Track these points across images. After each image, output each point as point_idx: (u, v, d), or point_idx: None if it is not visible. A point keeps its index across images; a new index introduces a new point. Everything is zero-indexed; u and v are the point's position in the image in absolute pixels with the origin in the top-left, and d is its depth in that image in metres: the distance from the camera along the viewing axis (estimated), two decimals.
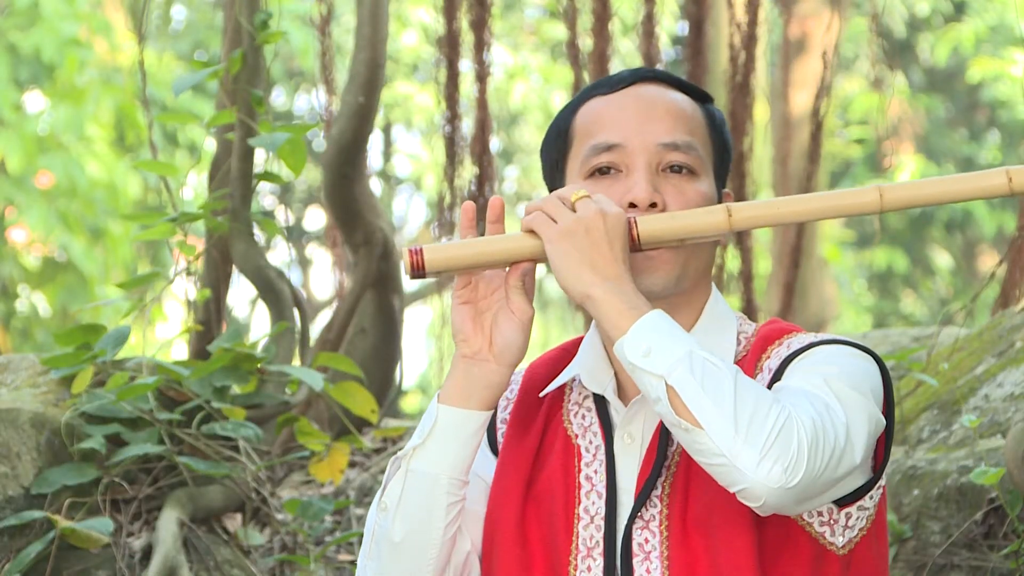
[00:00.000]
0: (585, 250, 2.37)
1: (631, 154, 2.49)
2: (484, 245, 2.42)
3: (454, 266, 2.42)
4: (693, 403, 2.28)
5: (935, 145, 17.36)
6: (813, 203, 2.43)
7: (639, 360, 2.31)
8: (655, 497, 2.46)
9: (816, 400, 2.35)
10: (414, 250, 2.40)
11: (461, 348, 2.47)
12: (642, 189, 2.47)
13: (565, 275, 2.37)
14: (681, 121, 2.52)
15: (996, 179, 2.41)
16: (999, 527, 3.75)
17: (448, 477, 2.47)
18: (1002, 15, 15.81)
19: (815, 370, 2.41)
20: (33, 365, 4.33)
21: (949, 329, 4.77)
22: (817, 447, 2.29)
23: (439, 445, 2.47)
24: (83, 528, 3.91)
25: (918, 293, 18.17)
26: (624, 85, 2.54)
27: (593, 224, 2.37)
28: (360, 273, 5.22)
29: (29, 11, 12.77)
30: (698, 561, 2.42)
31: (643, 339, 2.32)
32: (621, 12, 6.42)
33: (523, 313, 2.46)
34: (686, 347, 2.31)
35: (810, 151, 6.44)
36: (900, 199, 2.42)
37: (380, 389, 5.28)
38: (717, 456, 2.28)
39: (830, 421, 2.33)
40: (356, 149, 5.19)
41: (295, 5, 12.66)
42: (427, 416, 2.49)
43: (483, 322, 2.47)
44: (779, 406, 2.29)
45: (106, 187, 12.83)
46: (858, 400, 2.39)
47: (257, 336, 4.45)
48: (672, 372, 2.29)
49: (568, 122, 2.56)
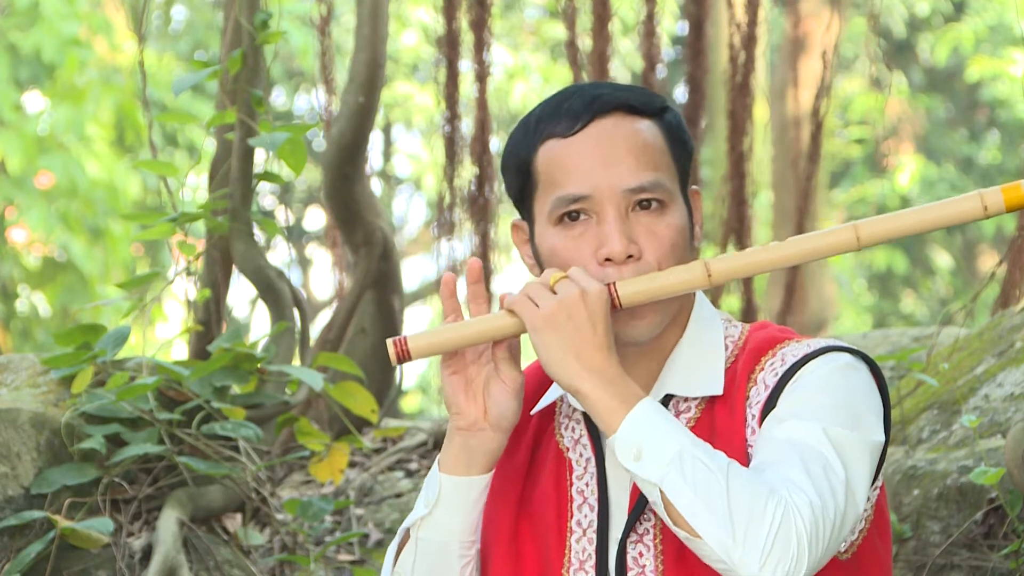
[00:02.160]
0: (569, 338, 2.36)
1: (599, 203, 2.46)
2: (466, 328, 2.43)
3: (439, 351, 2.44)
4: (688, 512, 2.28)
5: (935, 145, 17.37)
6: (790, 248, 2.43)
7: (631, 464, 2.31)
8: (649, 510, 2.45)
9: (813, 463, 2.33)
10: (398, 340, 2.42)
11: (456, 421, 2.47)
12: (616, 242, 2.44)
13: (552, 366, 2.37)
14: (644, 157, 2.48)
15: (970, 203, 2.41)
16: (999, 527, 3.75)
17: (458, 542, 2.50)
18: (1002, 15, 15.81)
19: (811, 407, 2.39)
20: (33, 365, 4.33)
21: (949, 329, 4.77)
22: (817, 535, 2.28)
23: (446, 514, 2.49)
24: (83, 528, 3.91)
25: (918, 293, 18.18)
26: (582, 125, 2.48)
27: (574, 309, 2.36)
28: (360, 273, 5.22)
29: (29, 11, 12.77)
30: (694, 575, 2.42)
31: (633, 440, 2.31)
32: (621, 12, 6.42)
33: (514, 381, 2.47)
34: (676, 446, 2.30)
35: (810, 151, 6.44)
36: (876, 234, 2.42)
37: (380, 389, 5.28)
38: (719, 562, 2.28)
39: (828, 490, 2.32)
40: (356, 149, 5.19)
41: (295, 5, 12.66)
42: (429, 485, 2.50)
43: (475, 391, 2.47)
44: (775, 499, 2.27)
45: (106, 187, 12.83)
46: (856, 443, 2.37)
47: (257, 336, 4.45)
48: (664, 479, 2.29)
49: (529, 158, 2.52)
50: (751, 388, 2.47)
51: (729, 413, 2.46)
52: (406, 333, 2.45)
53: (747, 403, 2.45)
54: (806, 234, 2.45)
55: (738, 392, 2.47)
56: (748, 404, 2.45)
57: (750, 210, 6.23)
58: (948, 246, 17.91)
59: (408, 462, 4.92)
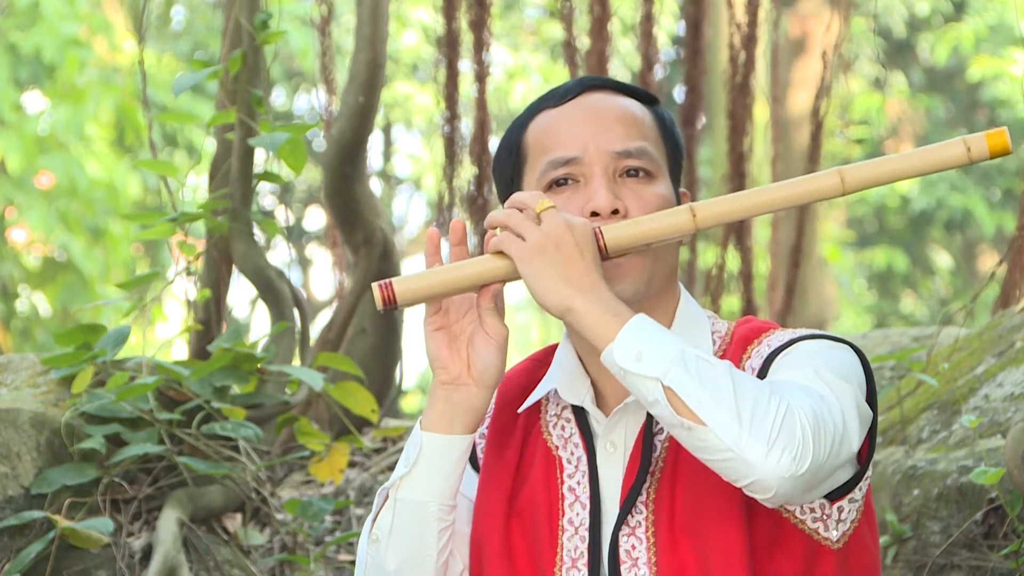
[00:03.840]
0: (558, 264, 2.37)
1: (588, 165, 2.50)
2: (453, 271, 2.41)
3: (425, 296, 2.41)
4: (693, 401, 2.28)
5: None
6: (775, 193, 2.43)
7: (631, 365, 2.31)
8: (640, 503, 2.46)
9: (810, 391, 2.36)
10: (383, 284, 2.39)
11: (439, 375, 2.47)
12: (603, 197, 2.47)
13: (542, 292, 2.37)
14: (633, 127, 2.53)
15: (955, 148, 2.42)
16: (999, 527, 3.75)
17: (438, 504, 2.48)
18: (1002, 15, 15.81)
19: (802, 363, 2.43)
20: (33, 365, 4.33)
21: (949, 329, 4.77)
22: (819, 433, 2.30)
23: (426, 473, 2.48)
24: (83, 528, 3.91)
25: (918, 293, 18.18)
26: (572, 96, 2.55)
27: (562, 238, 2.37)
28: (360, 273, 5.22)
29: (29, 11, 12.77)
30: (687, 565, 2.42)
31: (632, 344, 2.32)
32: (620, 12, 6.42)
33: (498, 334, 2.47)
34: (677, 347, 2.31)
35: (810, 151, 6.45)
36: (861, 179, 2.43)
37: (380, 389, 5.28)
38: (723, 451, 2.28)
39: (826, 409, 2.34)
40: (356, 149, 5.19)
41: (295, 5, 12.67)
42: (411, 444, 2.50)
43: (458, 347, 2.48)
44: (777, 396, 2.30)
45: (106, 187, 12.84)
46: (848, 389, 2.40)
47: (257, 336, 4.45)
48: (667, 372, 2.29)
49: (518, 137, 2.57)
50: None
51: None
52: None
53: None
54: (791, 179, 2.45)
55: None
56: None
57: None
58: (948, 246, 17.91)
59: None
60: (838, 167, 2.43)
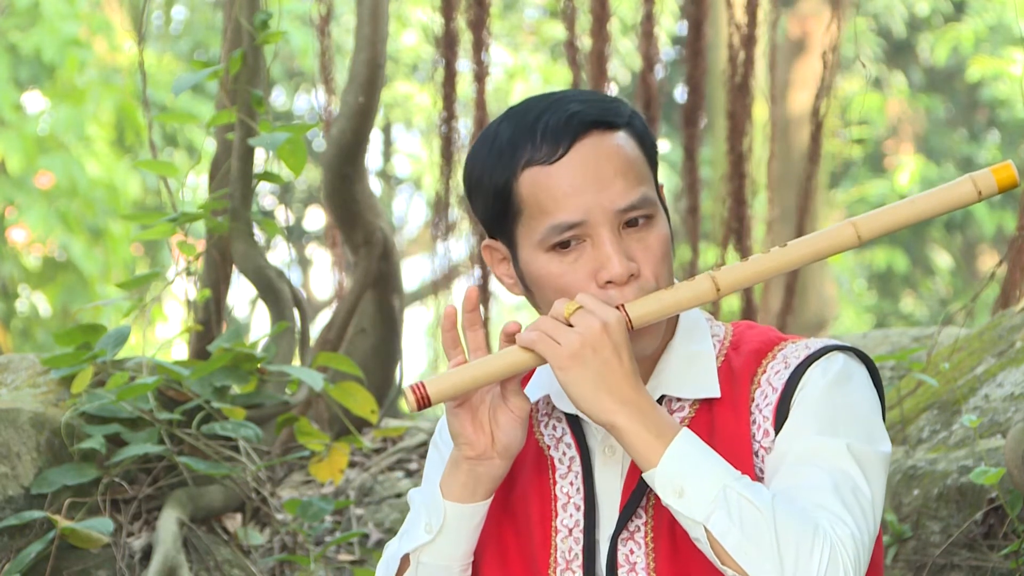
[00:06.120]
0: (599, 372, 2.34)
1: (593, 227, 2.43)
2: (482, 368, 2.41)
3: (458, 392, 2.42)
4: (736, 552, 2.27)
5: (935, 145, 17.37)
6: (793, 253, 2.43)
7: (673, 502, 2.30)
8: (640, 508, 2.45)
9: (844, 487, 2.34)
10: (416, 386, 2.40)
11: (465, 451, 2.45)
12: (617, 265, 2.42)
13: (584, 403, 2.36)
14: (630, 173, 2.45)
15: (964, 188, 2.42)
16: (999, 527, 3.75)
17: (460, 565, 2.49)
18: (1001, 15, 15.81)
19: (830, 420, 2.40)
20: (33, 365, 4.33)
21: (949, 329, 4.78)
22: (859, 566, 2.30)
23: (450, 540, 2.48)
24: (83, 528, 3.91)
25: (918, 293, 18.18)
26: (564, 151, 2.44)
27: (598, 341, 2.35)
28: (360, 273, 5.23)
29: (29, 11, 12.77)
30: (687, 572, 2.42)
31: (674, 477, 2.31)
32: (620, 12, 6.42)
33: (521, 409, 2.45)
34: (720, 482, 2.30)
35: (810, 151, 6.44)
36: (875, 228, 2.43)
37: (380, 389, 5.29)
38: None
39: (861, 515, 2.34)
40: (356, 149, 5.20)
41: (295, 5, 12.67)
42: (432, 511, 2.48)
43: (481, 420, 2.46)
44: (820, 536, 2.28)
45: (106, 187, 12.83)
46: (876, 458, 2.39)
47: (257, 336, 4.45)
48: (710, 517, 2.28)
49: (508, 185, 2.47)
50: (755, 390, 2.47)
51: (733, 416, 2.45)
52: (423, 380, 2.43)
53: (753, 405, 2.45)
54: (806, 236, 2.45)
55: (740, 395, 2.47)
56: (755, 407, 2.45)
57: (750, 210, 6.23)
58: (948, 246, 17.91)
59: (408, 462, 4.92)
60: (852, 219, 2.43)
